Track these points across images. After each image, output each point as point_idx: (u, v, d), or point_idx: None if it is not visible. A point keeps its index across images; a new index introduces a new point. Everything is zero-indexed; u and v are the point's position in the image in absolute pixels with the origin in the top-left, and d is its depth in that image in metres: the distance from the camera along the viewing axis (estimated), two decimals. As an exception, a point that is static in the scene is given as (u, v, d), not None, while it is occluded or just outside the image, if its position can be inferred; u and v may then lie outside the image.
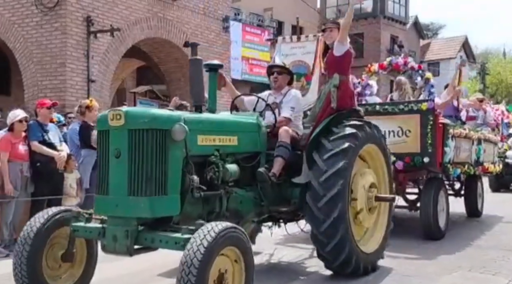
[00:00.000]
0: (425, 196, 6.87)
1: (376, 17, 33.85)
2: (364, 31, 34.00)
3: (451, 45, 41.59)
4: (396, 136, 6.73)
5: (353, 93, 5.43)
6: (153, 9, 14.94)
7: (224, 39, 17.62)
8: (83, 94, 12.75)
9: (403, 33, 35.71)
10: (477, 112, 9.34)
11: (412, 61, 7.02)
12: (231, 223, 3.73)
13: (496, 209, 10.16)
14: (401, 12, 35.50)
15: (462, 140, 7.30)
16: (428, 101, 6.62)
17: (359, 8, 34.49)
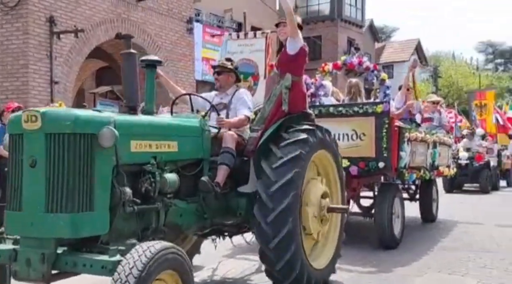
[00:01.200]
0: (380, 203, 6.50)
1: (334, 20, 34.02)
2: (322, 33, 34.17)
3: (405, 48, 42.24)
4: (350, 139, 6.35)
5: (305, 95, 4.99)
6: (117, 10, 14.64)
7: (187, 40, 17.46)
8: (46, 96, 12.34)
9: (359, 36, 35.99)
10: (433, 114, 9.10)
11: (367, 61, 6.64)
12: (169, 243, 3.25)
13: (453, 211, 10.17)
14: (358, 15, 35.78)
15: (417, 144, 6.98)
16: (383, 103, 6.26)
17: (317, 11, 34.66)
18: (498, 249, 6.73)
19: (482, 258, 6.12)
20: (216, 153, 4.50)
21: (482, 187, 14.67)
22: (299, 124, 4.69)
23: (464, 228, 8.46)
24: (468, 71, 40.88)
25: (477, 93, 19.06)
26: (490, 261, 5.92)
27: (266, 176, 4.32)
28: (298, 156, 4.38)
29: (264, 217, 4.22)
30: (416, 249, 6.59)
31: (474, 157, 14.60)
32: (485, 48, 52.17)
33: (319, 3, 34.85)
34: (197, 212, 4.34)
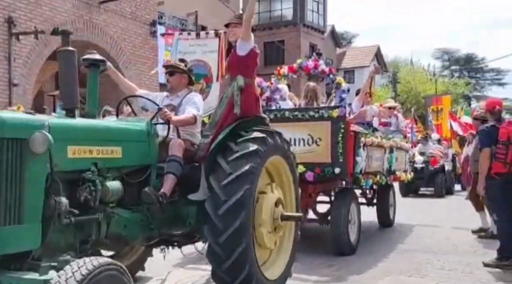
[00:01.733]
0: (336, 209, 6.34)
1: (296, 25, 34.09)
2: (285, 38, 34.25)
3: (365, 54, 42.76)
4: (306, 144, 6.18)
5: (258, 98, 4.76)
6: (79, 12, 14.24)
7: (151, 43, 17.20)
8: (4, 99, 11.87)
9: (321, 41, 36.21)
10: (390, 119, 9.04)
11: (322, 64, 6.48)
12: (107, 258, 2.97)
13: (410, 214, 10.20)
14: (320, 21, 35.98)
15: (374, 149, 6.86)
16: (339, 108, 6.11)
17: (280, 16, 34.68)
18: (455, 251, 6.80)
19: (440, 260, 6.18)
20: (164, 159, 4.24)
21: (437, 191, 14.65)
22: (252, 129, 4.47)
23: (422, 231, 8.51)
24: (425, 77, 41.64)
25: (434, 98, 19.42)
26: (447, 263, 5.99)
27: (221, 169, 4.07)
28: (255, 151, 4.15)
29: (215, 210, 3.95)
30: (376, 253, 6.56)
31: (429, 161, 14.61)
32: (441, 55, 53.44)
33: (282, 8, 34.89)
34: (143, 222, 4.06)
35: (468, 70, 52.19)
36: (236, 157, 4.13)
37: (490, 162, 5.80)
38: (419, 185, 14.64)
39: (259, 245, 4.44)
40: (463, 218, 9.82)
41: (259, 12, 34.99)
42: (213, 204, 3.96)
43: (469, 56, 52.13)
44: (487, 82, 53.66)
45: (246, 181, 4.03)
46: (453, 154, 16.28)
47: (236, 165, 4.07)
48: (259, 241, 4.42)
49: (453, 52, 52.68)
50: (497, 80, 53.12)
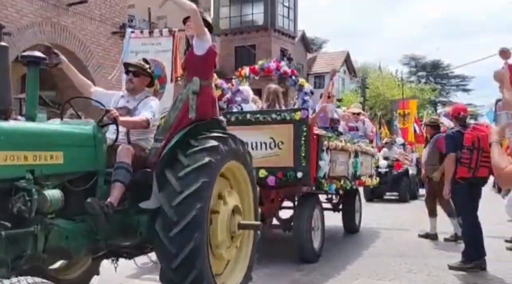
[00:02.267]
0: (298, 215, 6.08)
1: (267, 30, 33.92)
2: (256, 42, 34.01)
3: (335, 59, 42.92)
4: (268, 148, 5.91)
5: (215, 100, 4.47)
6: (46, 14, 13.79)
7: (121, 46, 16.60)
8: None
9: (292, 46, 36.18)
10: (357, 123, 8.88)
11: (284, 65, 6.20)
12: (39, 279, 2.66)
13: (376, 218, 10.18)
14: (290, 26, 35.93)
15: (338, 153, 6.63)
16: (301, 110, 5.87)
17: (251, 20, 34.51)
18: (422, 254, 6.85)
19: (408, 263, 6.20)
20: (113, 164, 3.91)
21: (401, 195, 14.36)
22: (205, 135, 4.17)
23: (389, 234, 8.51)
24: (393, 82, 41.99)
25: (401, 102, 19.28)
26: (415, 266, 6.03)
27: (170, 186, 3.76)
28: (207, 164, 3.86)
29: (167, 232, 3.66)
30: (344, 257, 6.54)
31: (393, 165, 14.38)
32: (408, 61, 54.08)
33: (253, 13, 34.72)
34: (88, 233, 3.71)
35: (434, 76, 52.92)
36: (195, 151, 3.88)
37: (455, 167, 5.86)
38: (383, 190, 14.30)
39: (216, 258, 4.16)
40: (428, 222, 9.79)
41: (230, 16, 34.86)
42: (163, 225, 3.68)
43: (435, 63, 52.86)
44: (452, 88, 54.56)
45: (204, 173, 3.77)
46: (417, 158, 16.10)
47: (195, 158, 3.82)
48: (216, 256, 4.14)
49: (420, 58, 53.41)
50: (462, 86, 54.11)
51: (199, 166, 3.83)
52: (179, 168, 3.84)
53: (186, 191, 3.72)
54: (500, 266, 6.00)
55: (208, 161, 3.87)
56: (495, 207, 9.67)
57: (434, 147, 7.86)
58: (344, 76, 44.17)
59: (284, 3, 35.29)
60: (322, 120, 7.74)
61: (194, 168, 3.82)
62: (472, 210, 5.90)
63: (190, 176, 3.78)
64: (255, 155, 5.83)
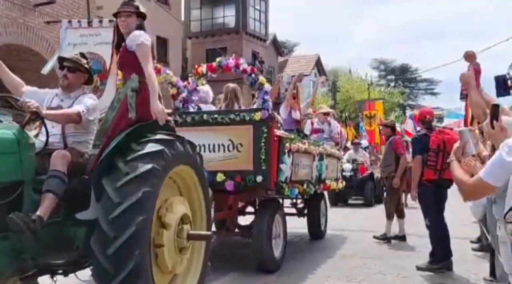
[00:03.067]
0: (258, 221, 5.62)
1: (239, 33, 33.54)
2: (227, 45, 33.56)
3: (306, 62, 42.81)
4: (226, 150, 5.46)
5: (159, 97, 3.98)
6: (12, 14, 13.17)
7: None
8: None
9: (263, 49, 35.92)
10: (322, 125, 8.49)
11: (244, 63, 5.74)
12: None
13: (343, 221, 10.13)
14: (261, 29, 35.65)
15: (301, 156, 6.20)
16: (262, 110, 5.43)
17: (223, 23, 34.07)
18: (390, 256, 6.87)
19: (377, 264, 6.21)
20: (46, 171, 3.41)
21: (366, 199, 13.68)
22: (153, 134, 3.71)
23: (358, 237, 8.49)
24: (363, 86, 42.07)
25: (367, 103, 18.69)
26: (384, 268, 6.04)
27: (107, 198, 3.30)
28: (149, 172, 3.40)
29: (103, 250, 3.20)
30: (314, 259, 6.52)
31: (357, 169, 13.69)
32: (378, 65, 54.37)
33: (224, 15, 34.33)
34: (12, 252, 3.21)
35: (403, 80, 53.30)
36: (136, 156, 3.42)
37: (422, 169, 5.90)
38: (348, 194, 13.58)
39: (162, 273, 3.69)
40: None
41: (201, 19, 34.38)
42: (99, 242, 3.22)
43: (403, 67, 53.27)
44: (420, 92, 55.06)
45: (146, 182, 3.32)
46: None
47: (136, 165, 3.36)
48: (162, 270, 3.67)
49: (389, 62, 53.76)
50: (430, 90, 54.66)
51: (141, 174, 3.37)
52: (118, 177, 3.37)
53: (125, 203, 3.26)
54: (466, 266, 6.07)
55: (150, 168, 3.41)
56: (460, 209, 9.51)
57: (390, 148, 8.02)
58: (315, 79, 44.01)
59: (255, 6, 35.00)
60: (286, 122, 7.34)
61: (134, 177, 3.36)
62: (438, 212, 5.97)
63: (130, 185, 3.32)
64: (212, 158, 5.39)
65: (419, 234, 7.78)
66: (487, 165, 2.50)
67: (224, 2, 33.84)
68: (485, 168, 2.50)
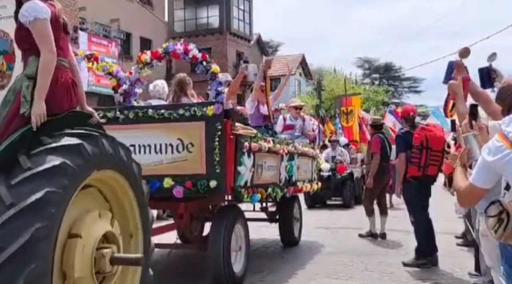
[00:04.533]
0: (214, 232, 4.73)
1: (223, 33, 32.89)
2: (212, 46, 32.86)
3: (291, 62, 42.01)
4: (175, 151, 4.59)
5: (72, 83, 3.11)
6: None
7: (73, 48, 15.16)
8: None
9: (248, 49, 35.29)
10: (295, 121, 7.64)
11: (194, 49, 4.82)
12: None
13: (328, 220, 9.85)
14: (246, 29, 35.04)
15: (264, 156, 5.32)
16: (215, 104, 4.57)
17: (206, 23, 33.21)
18: (377, 252, 6.79)
19: (363, 261, 6.16)
20: None
21: (345, 200, 12.59)
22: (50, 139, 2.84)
23: (343, 234, 8.37)
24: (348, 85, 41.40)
25: (344, 98, 17.31)
26: (370, 264, 6.00)
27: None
28: (58, 168, 2.59)
29: None
30: (301, 257, 6.46)
31: (336, 168, 12.52)
32: (362, 63, 53.63)
33: (208, 16, 33.62)
34: None
35: (387, 78, 52.68)
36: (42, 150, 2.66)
37: (406, 166, 5.86)
38: (325, 195, 12.45)
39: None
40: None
41: (184, 19, 33.65)
42: None
43: (387, 65, 52.61)
44: (404, 90, 54.49)
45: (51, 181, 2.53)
46: (362, 159, 14.55)
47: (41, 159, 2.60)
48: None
49: (373, 61, 53.09)
50: (414, 88, 54.08)
51: (45, 170, 2.54)
52: (16, 173, 2.55)
53: (19, 205, 2.43)
54: (451, 261, 6.04)
55: (60, 163, 2.59)
56: (445, 205, 9.58)
57: (368, 146, 8.05)
58: (300, 79, 43.43)
59: (239, 6, 34.40)
60: (254, 118, 6.50)
61: (37, 172, 2.53)
62: (423, 208, 5.93)
63: (29, 183, 2.49)
64: (159, 160, 4.55)
65: (405, 230, 7.72)
66: (474, 170, 2.45)
67: (208, 2, 33.15)
68: (473, 172, 2.45)
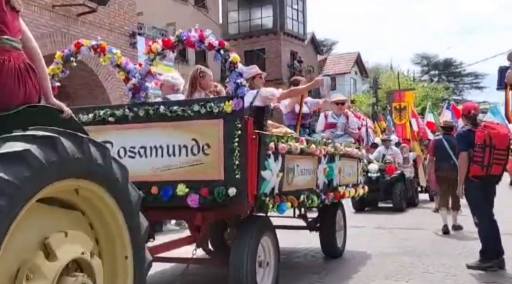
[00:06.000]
0: (237, 247, 3.96)
1: (277, 34, 32.30)
2: (266, 46, 32.51)
3: (346, 60, 40.94)
4: (190, 154, 3.89)
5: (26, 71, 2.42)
6: (56, 25, 13.03)
7: (131, 55, 15.72)
8: None
9: (302, 49, 34.56)
10: (337, 118, 6.77)
11: (211, 35, 4.04)
12: None
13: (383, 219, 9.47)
14: (300, 29, 34.29)
15: (297, 158, 4.50)
16: (234, 99, 3.83)
17: (260, 24, 32.70)
18: (438, 254, 6.44)
19: (424, 263, 5.86)
20: None
21: (395, 204, 11.26)
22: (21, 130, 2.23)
23: (402, 234, 7.99)
24: (406, 82, 39.63)
25: (397, 93, 15.57)
26: (431, 266, 5.70)
27: None
28: None
29: None
30: (360, 257, 6.25)
31: (384, 169, 11.23)
32: (420, 60, 51.21)
33: (262, 16, 33.16)
34: None
35: (446, 74, 50.03)
36: None
37: (468, 165, 5.57)
38: (375, 198, 11.24)
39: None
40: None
41: (238, 21, 33.35)
42: None
43: (447, 61, 49.95)
44: (465, 86, 51.66)
45: None
46: (414, 159, 12.69)
47: None
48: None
49: (432, 57, 50.58)
50: (476, 84, 51.13)
51: None
52: None
53: None
54: None
55: None
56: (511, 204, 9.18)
57: None
58: (356, 77, 42.05)
59: (293, 6, 33.72)
60: (288, 117, 5.73)
61: None
62: (487, 208, 5.64)
63: None
64: (172, 164, 3.88)
65: (469, 231, 7.44)
66: None
67: (262, 3, 32.66)
68: None
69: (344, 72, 39.35)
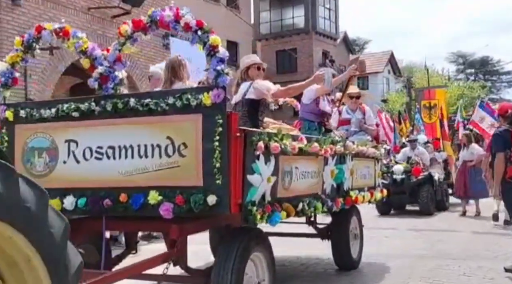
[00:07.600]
0: (219, 265, 3.27)
1: (308, 33, 31.62)
2: (297, 46, 31.89)
3: (378, 59, 39.70)
4: (163, 155, 3.22)
5: None
6: (92, 27, 13.15)
7: (164, 55, 15.58)
8: None
9: (333, 48, 33.69)
10: (352, 114, 5.94)
11: (187, 14, 3.29)
12: None
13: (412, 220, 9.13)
14: (332, 28, 33.42)
15: (296, 159, 3.74)
16: (214, 90, 3.13)
17: (292, 24, 31.91)
18: (474, 257, 6.16)
19: (460, 266, 5.64)
20: None
21: (422, 207, 10.24)
22: None
23: (436, 236, 7.69)
24: (440, 81, 38.01)
25: (426, 91, 14.36)
26: (468, 269, 5.49)
27: None
28: None
29: None
30: (393, 258, 6.04)
31: (410, 170, 10.14)
32: (456, 58, 49.03)
33: (294, 16, 32.53)
34: None
35: (483, 73, 47.76)
36: None
37: (505, 166, 5.30)
38: (401, 201, 10.38)
39: None
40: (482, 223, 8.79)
41: (270, 21, 32.80)
42: None
43: (484, 59, 47.67)
44: (503, 85, 49.24)
45: None
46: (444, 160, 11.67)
47: None
48: None
49: (468, 55, 48.37)
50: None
51: None
52: None
53: None
54: None
55: None
56: None
57: None
58: (389, 76, 40.69)
59: (325, 5, 32.91)
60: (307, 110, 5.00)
61: None
62: None
63: None
64: (144, 167, 3.23)
65: (506, 234, 7.31)
66: None
67: (293, 2, 31.98)
68: None
69: (377, 72, 38.14)
